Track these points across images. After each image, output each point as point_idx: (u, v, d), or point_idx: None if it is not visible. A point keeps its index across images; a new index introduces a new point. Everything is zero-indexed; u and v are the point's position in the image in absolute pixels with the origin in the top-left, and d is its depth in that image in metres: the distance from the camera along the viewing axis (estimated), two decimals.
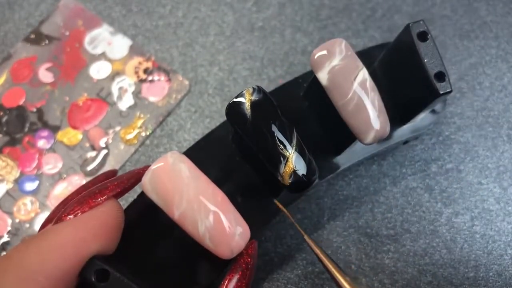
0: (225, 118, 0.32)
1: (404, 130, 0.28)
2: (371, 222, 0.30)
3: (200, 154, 0.25)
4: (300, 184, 0.22)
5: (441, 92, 0.23)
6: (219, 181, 0.23)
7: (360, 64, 0.23)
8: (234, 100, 0.22)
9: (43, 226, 0.21)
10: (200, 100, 0.32)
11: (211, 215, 0.20)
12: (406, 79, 0.25)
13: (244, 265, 0.21)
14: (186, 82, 0.33)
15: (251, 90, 0.22)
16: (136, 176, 0.22)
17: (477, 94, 0.32)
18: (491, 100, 0.32)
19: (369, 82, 0.23)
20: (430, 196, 0.30)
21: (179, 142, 0.31)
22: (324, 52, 0.23)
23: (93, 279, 0.18)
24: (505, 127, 0.32)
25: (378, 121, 0.23)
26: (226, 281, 0.20)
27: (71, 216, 0.19)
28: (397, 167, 0.31)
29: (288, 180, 0.21)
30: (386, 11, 0.34)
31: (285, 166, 0.21)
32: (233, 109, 0.22)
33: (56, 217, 0.20)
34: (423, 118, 0.29)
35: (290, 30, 0.34)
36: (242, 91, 0.22)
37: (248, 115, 0.21)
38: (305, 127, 0.26)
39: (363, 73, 0.23)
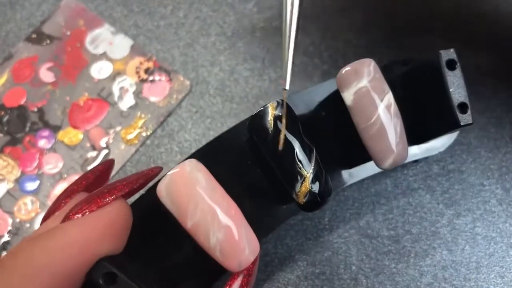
0: (227, 118, 0.32)
1: (417, 150, 0.28)
2: (372, 223, 0.30)
3: (211, 154, 0.25)
4: (314, 204, 0.22)
5: (462, 124, 0.23)
6: (228, 183, 0.23)
7: (387, 87, 0.23)
8: (258, 113, 0.22)
9: (45, 218, 0.21)
10: (201, 101, 0.32)
11: (223, 228, 0.20)
12: (428, 103, 0.25)
13: (245, 271, 0.21)
14: (187, 82, 0.33)
15: (275, 104, 0.22)
16: (145, 177, 0.21)
17: (479, 94, 0.32)
18: (493, 101, 0.32)
19: (394, 108, 0.23)
20: (431, 197, 0.30)
21: (179, 142, 0.31)
22: (353, 71, 0.23)
23: (101, 282, 0.18)
24: (508, 128, 0.31)
25: (398, 147, 0.23)
26: (227, 287, 0.20)
27: (79, 215, 0.19)
28: (398, 168, 0.31)
29: (303, 200, 0.21)
30: (388, 12, 0.34)
31: (301, 186, 0.21)
32: (256, 122, 0.22)
33: (64, 215, 0.20)
34: (437, 140, 0.29)
35: None
36: (266, 104, 0.22)
37: (270, 130, 0.21)
38: (318, 136, 0.25)
39: (389, 98, 0.23)
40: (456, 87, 0.23)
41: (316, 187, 0.21)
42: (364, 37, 0.34)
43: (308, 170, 0.21)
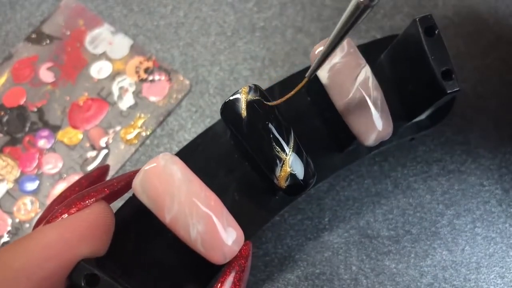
0: None
1: (410, 127, 0.27)
2: (372, 223, 0.30)
3: (198, 151, 0.25)
4: (297, 187, 0.21)
5: (448, 91, 0.22)
6: (217, 178, 0.22)
7: (363, 61, 0.22)
8: (229, 98, 0.21)
9: (37, 224, 0.21)
10: (200, 100, 0.32)
11: (203, 219, 0.19)
12: (412, 75, 0.24)
13: (237, 267, 0.20)
14: (187, 82, 0.33)
15: (247, 88, 0.21)
16: (127, 179, 0.21)
17: (479, 94, 0.32)
18: (493, 101, 0.32)
19: (372, 81, 0.22)
20: (431, 197, 0.30)
21: (179, 142, 0.31)
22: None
23: (83, 284, 0.18)
24: (508, 128, 0.31)
25: (381, 122, 0.22)
26: (219, 284, 0.20)
27: (59, 219, 0.19)
28: (398, 168, 0.31)
29: (284, 184, 0.21)
30: (388, 11, 0.34)
31: (281, 169, 0.20)
32: (228, 108, 0.21)
33: (46, 218, 0.20)
34: (431, 115, 0.28)
35: (292, 31, 0.34)
36: (238, 90, 0.21)
37: (243, 115, 0.21)
38: (306, 124, 0.25)
39: (365, 71, 0.22)
40: (438, 54, 0.22)
41: (297, 170, 0.20)
42: (364, 37, 0.34)
43: (287, 152, 0.20)
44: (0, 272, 0.17)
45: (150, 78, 0.33)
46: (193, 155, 0.24)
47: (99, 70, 0.33)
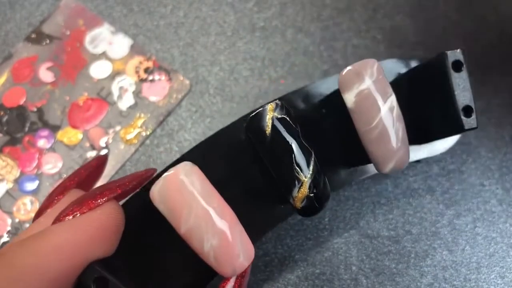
0: (227, 117, 0.32)
1: (419, 151, 0.27)
2: (372, 223, 0.30)
3: (208, 152, 0.25)
4: (311, 209, 0.21)
5: (466, 128, 0.22)
6: (225, 181, 0.22)
7: (390, 90, 0.22)
8: (256, 114, 0.21)
9: (37, 215, 0.21)
10: (200, 100, 0.32)
11: (218, 235, 0.19)
12: (432, 105, 0.24)
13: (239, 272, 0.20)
14: (187, 82, 0.33)
15: (274, 105, 0.21)
16: (138, 179, 0.21)
17: (480, 94, 0.32)
18: (493, 101, 0.32)
19: (396, 111, 0.22)
20: (431, 197, 0.30)
21: (179, 142, 0.31)
22: (355, 72, 0.22)
23: (92, 287, 0.18)
24: (508, 128, 0.31)
25: (399, 153, 0.22)
26: None
27: (70, 217, 0.19)
28: None
29: (300, 205, 0.21)
30: (388, 11, 0.34)
31: (298, 191, 0.20)
32: (254, 122, 0.21)
33: (47, 208, 0.19)
34: (441, 141, 0.28)
35: (292, 31, 0.34)
36: (265, 105, 0.21)
37: (267, 132, 0.21)
38: (317, 134, 0.24)
39: (391, 101, 0.22)
40: (462, 90, 0.22)
41: (314, 192, 0.21)
42: (364, 37, 0.34)
43: (306, 175, 0.20)
44: (10, 270, 0.17)
45: (150, 78, 0.33)
46: (200, 156, 0.23)
47: (99, 70, 0.33)
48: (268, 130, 0.21)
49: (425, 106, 0.25)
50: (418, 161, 0.30)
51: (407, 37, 0.33)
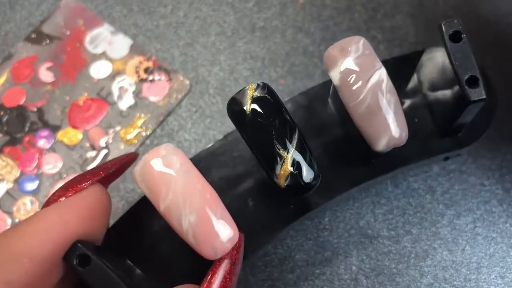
0: (227, 117, 0.32)
1: (445, 144, 0.26)
2: (372, 223, 0.29)
3: (217, 154, 0.25)
4: (297, 188, 0.20)
5: (473, 99, 0.21)
6: (232, 182, 0.22)
7: (378, 64, 0.21)
8: (235, 95, 0.21)
9: (47, 204, 0.22)
10: (200, 100, 0.32)
11: (196, 211, 0.19)
12: (440, 85, 0.23)
13: (228, 259, 0.20)
14: (187, 82, 0.33)
15: (254, 86, 0.21)
16: (121, 162, 0.22)
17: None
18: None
19: (386, 84, 0.21)
20: (432, 197, 0.30)
21: (179, 142, 0.31)
22: (339, 49, 0.21)
23: (74, 263, 0.18)
24: (508, 128, 0.31)
25: (393, 125, 0.21)
26: (209, 277, 0.19)
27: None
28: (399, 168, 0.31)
29: (283, 183, 0.20)
30: (388, 11, 0.34)
31: (281, 168, 0.20)
32: (233, 104, 0.21)
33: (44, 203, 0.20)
34: (468, 132, 0.26)
35: (292, 31, 0.34)
36: (245, 87, 0.21)
37: (247, 111, 0.20)
38: (328, 134, 0.24)
39: (380, 74, 0.21)
40: (463, 61, 0.21)
41: (298, 170, 0.20)
42: (364, 37, 0.34)
43: (289, 150, 0.20)
44: (3, 253, 0.18)
45: (150, 78, 0.33)
46: (209, 158, 0.24)
47: (99, 70, 0.33)
48: (248, 109, 0.20)
49: (436, 89, 0.23)
50: (447, 158, 0.29)
51: (407, 37, 0.33)
